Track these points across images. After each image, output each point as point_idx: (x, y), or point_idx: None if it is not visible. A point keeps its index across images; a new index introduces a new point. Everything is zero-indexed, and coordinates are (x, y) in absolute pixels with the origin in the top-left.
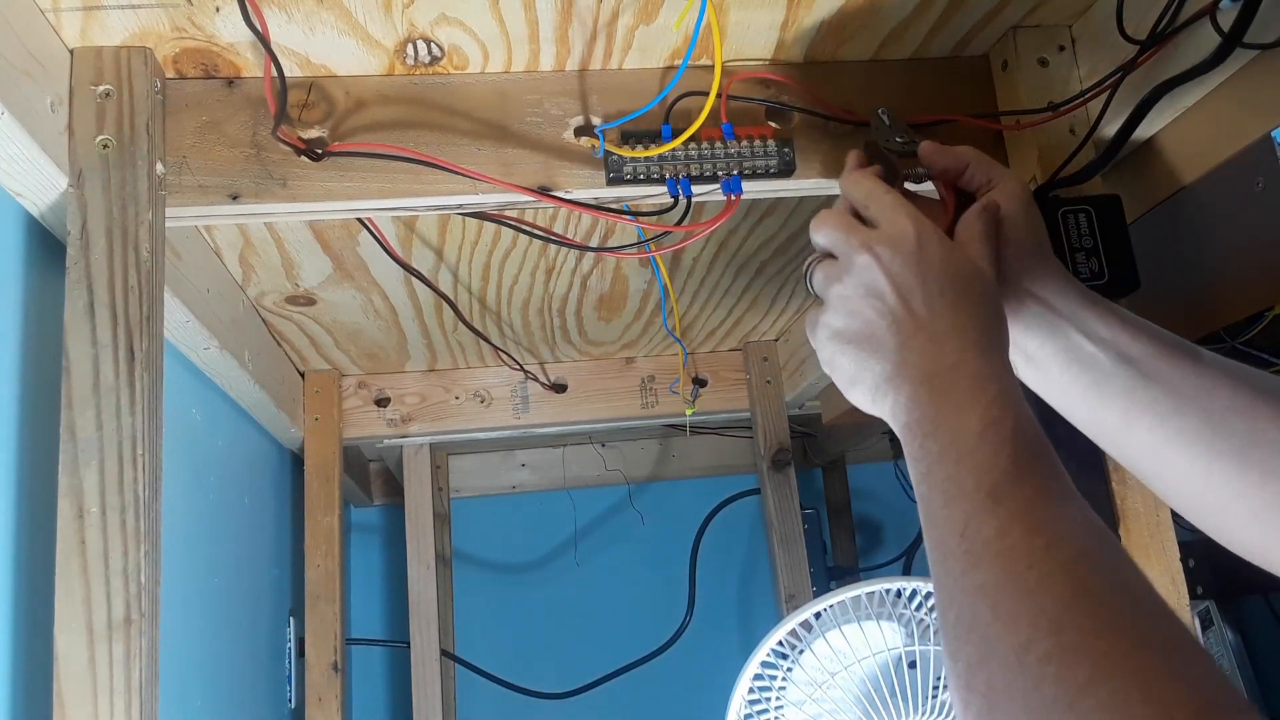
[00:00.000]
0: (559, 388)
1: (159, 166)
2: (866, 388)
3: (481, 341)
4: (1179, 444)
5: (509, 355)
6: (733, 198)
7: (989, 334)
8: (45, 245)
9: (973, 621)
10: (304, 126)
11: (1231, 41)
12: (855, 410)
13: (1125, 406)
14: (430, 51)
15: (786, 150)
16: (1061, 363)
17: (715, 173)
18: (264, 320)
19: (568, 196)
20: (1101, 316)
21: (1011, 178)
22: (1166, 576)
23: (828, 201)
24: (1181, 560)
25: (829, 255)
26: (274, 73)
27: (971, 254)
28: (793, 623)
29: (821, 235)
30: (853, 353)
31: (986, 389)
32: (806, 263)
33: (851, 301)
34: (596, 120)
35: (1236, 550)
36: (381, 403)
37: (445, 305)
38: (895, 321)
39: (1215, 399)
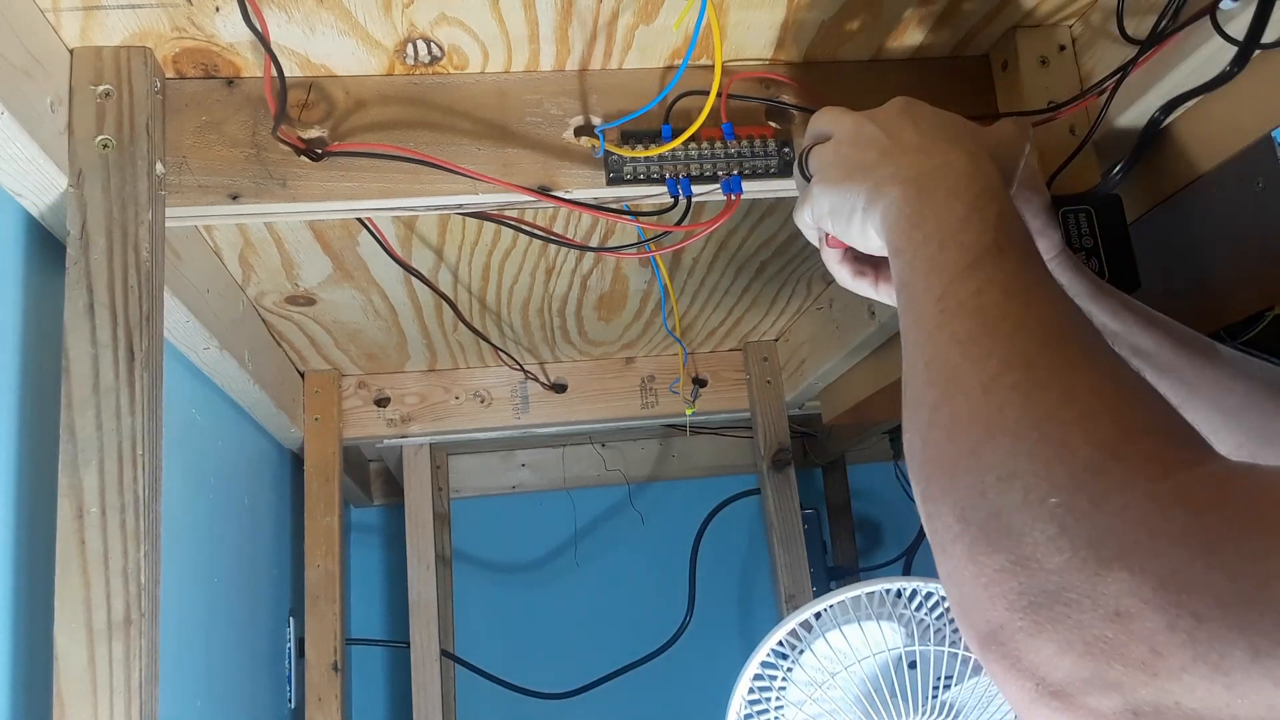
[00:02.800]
0: (559, 388)
1: (159, 166)
2: (857, 210)
3: (481, 341)
4: None
5: (509, 355)
6: (733, 198)
7: (980, 153)
8: (45, 245)
9: (941, 366)
10: (304, 126)
11: (1250, 46)
12: (855, 410)
13: None
14: (430, 51)
15: (786, 150)
16: None
17: (715, 173)
18: (264, 320)
19: (568, 196)
20: (1111, 307)
21: (1010, 121)
22: None
23: None
24: None
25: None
26: (274, 73)
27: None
28: (793, 623)
29: (821, 119)
30: (843, 185)
31: (974, 183)
32: (801, 150)
33: (842, 149)
34: (596, 120)
35: None
36: (381, 403)
37: (445, 305)
38: (884, 150)
39: (1230, 394)
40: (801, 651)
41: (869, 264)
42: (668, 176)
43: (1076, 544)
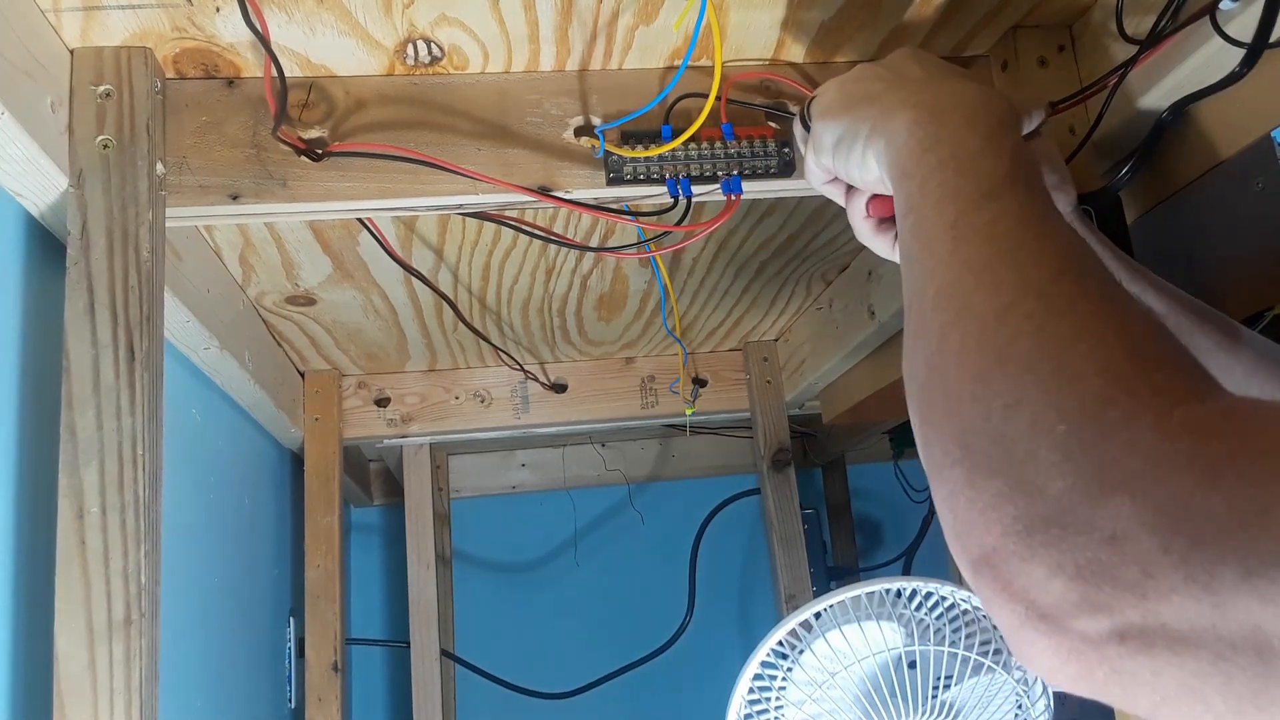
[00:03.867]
0: (559, 388)
1: (159, 166)
2: (860, 137)
3: (481, 341)
4: None
5: (509, 355)
6: (733, 198)
7: (989, 92)
8: (45, 245)
9: (953, 292)
10: (304, 126)
11: (1259, 46)
12: (855, 410)
13: None
14: (430, 51)
15: (786, 150)
16: None
17: (715, 173)
18: (264, 320)
19: (568, 196)
20: (1125, 270)
21: (1028, 97)
22: None
23: (828, 200)
24: None
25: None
26: (274, 73)
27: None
28: (793, 623)
29: (822, 85)
30: (846, 116)
31: (990, 114)
32: (803, 103)
33: (846, 85)
34: (596, 120)
35: None
36: (381, 403)
37: (445, 305)
38: (890, 82)
39: (1239, 361)
40: (801, 651)
41: (892, 223)
42: (668, 176)
43: (1080, 471)
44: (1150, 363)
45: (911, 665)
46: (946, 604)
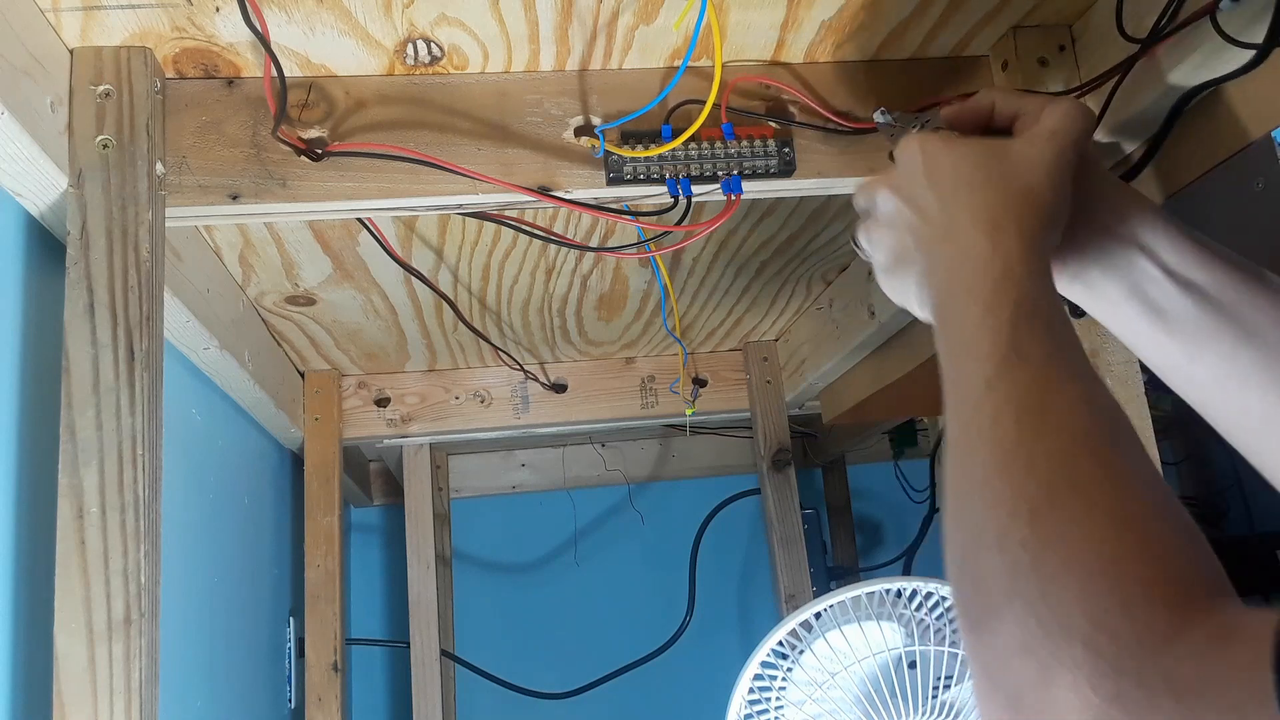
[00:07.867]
0: (559, 388)
1: (159, 166)
2: (915, 301)
3: (481, 341)
4: (1242, 378)
5: (509, 355)
6: (733, 198)
7: (1005, 214)
8: (45, 245)
9: (967, 508)
10: (304, 126)
11: (1271, 42)
12: (855, 410)
13: (1191, 337)
14: (430, 51)
15: (786, 150)
16: (1125, 292)
17: (715, 173)
18: (264, 320)
19: (568, 196)
20: (1172, 238)
21: (1061, 100)
22: None
23: (828, 201)
24: None
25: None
26: (274, 73)
27: (1032, 156)
28: (793, 623)
29: (857, 197)
30: (898, 277)
31: (990, 273)
32: (853, 230)
33: (883, 235)
34: (596, 120)
35: None
36: (381, 403)
37: (445, 305)
38: (916, 234)
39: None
40: (801, 651)
41: None
42: (668, 176)
43: None
44: (1136, 591)
45: (911, 665)
46: (946, 604)
